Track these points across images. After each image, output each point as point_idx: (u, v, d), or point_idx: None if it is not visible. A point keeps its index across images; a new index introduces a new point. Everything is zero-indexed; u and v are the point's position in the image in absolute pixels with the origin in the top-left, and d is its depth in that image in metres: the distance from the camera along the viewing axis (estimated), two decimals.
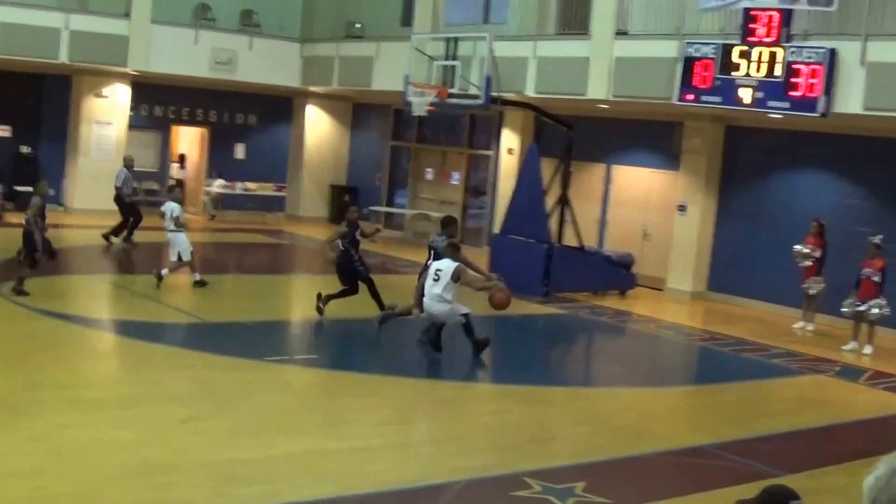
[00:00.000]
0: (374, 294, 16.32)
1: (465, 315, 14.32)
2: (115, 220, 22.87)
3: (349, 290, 16.39)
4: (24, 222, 16.17)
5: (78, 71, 26.93)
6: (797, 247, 18.59)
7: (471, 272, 14.48)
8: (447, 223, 15.89)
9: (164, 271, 17.81)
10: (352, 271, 16.36)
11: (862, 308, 17.07)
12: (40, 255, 15.95)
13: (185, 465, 8.91)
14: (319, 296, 16.29)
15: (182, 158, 30.59)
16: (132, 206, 22.98)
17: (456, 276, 14.07)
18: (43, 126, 27.99)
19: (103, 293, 16.88)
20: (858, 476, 10.47)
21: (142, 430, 9.80)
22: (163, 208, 18.65)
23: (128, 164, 23.77)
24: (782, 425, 12.51)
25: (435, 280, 14.14)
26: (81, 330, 14.00)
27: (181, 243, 18.06)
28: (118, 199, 23.11)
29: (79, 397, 10.88)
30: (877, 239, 17.26)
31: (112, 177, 23.40)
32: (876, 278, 17.03)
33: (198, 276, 18.06)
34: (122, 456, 8.97)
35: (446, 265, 14.20)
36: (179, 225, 18.09)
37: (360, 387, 12.69)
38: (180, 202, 18.73)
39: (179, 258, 18.05)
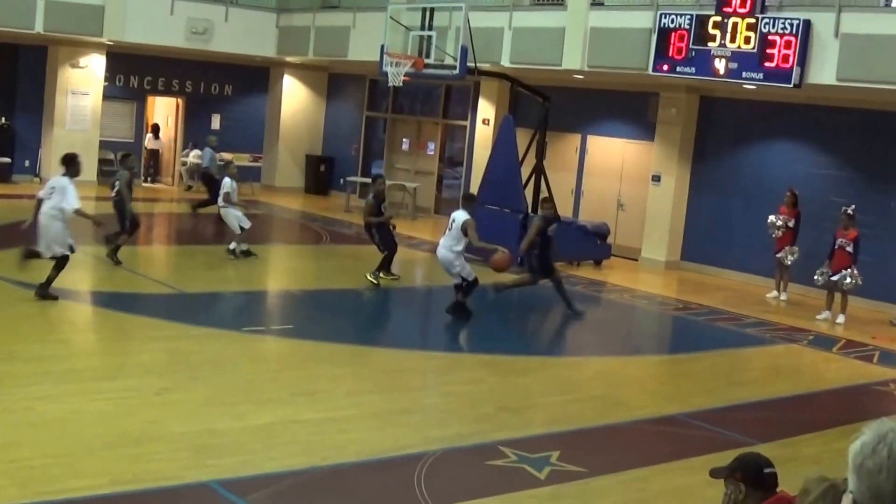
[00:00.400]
0: (383, 263, 17.38)
1: (471, 281, 14.99)
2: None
3: (387, 254, 17.46)
4: (114, 194, 17.06)
5: (53, 41, 26.71)
6: (772, 218, 18.68)
7: (473, 233, 14.89)
8: (544, 200, 17.18)
9: (233, 245, 18.61)
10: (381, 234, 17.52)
11: (835, 278, 17.20)
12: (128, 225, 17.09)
13: (160, 436, 8.93)
14: (375, 277, 17.12)
15: (156, 128, 30.43)
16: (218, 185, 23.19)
17: (464, 230, 14.66)
18: (19, 97, 27.79)
19: (81, 264, 16.78)
20: (832, 444, 10.52)
21: (117, 402, 9.81)
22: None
23: (212, 144, 25.19)
24: (756, 394, 12.62)
25: (448, 229, 14.93)
26: (58, 301, 13.92)
27: (232, 218, 18.64)
28: (206, 177, 24.38)
29: (54, 369, 10.86)
30: (850, 209, 17.38)
31: (87, 146, 23.21)
32: (849, 248, 17.16)
33: (245, 246, 18.72)
34: (97, 428, 8.99)
35: (460, 216, 14.83)
36: (227, 201, 18.63)
37: (336, 357, 12.71)
38: (234, 178, 19.20)
39: (242, 228, 18.63)
